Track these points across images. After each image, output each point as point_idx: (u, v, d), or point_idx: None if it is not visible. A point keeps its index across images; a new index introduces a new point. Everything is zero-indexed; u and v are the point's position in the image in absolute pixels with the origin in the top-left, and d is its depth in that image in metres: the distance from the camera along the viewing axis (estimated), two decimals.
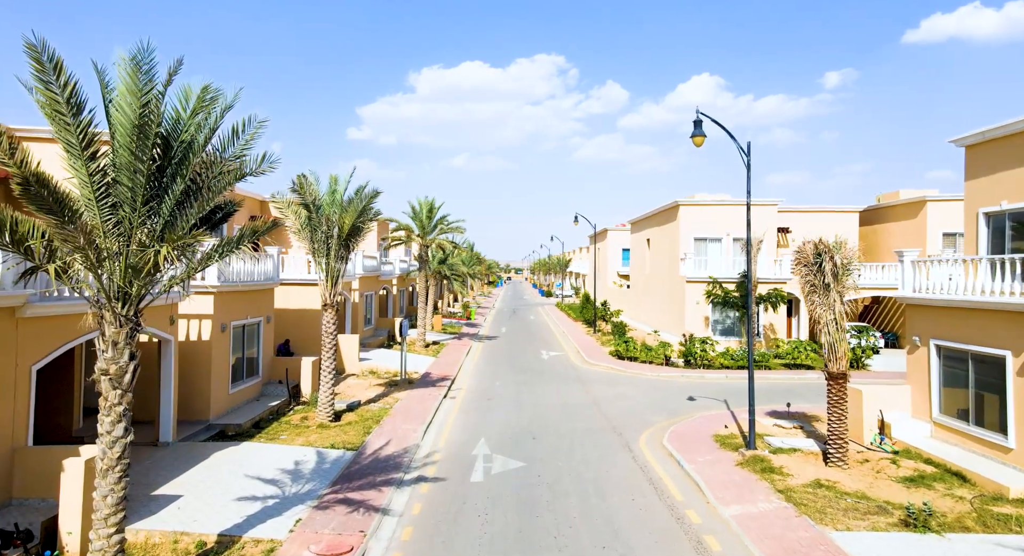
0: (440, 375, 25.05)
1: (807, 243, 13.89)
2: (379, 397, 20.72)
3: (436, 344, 34.29)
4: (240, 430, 15.90)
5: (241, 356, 18.25)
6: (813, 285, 13.59)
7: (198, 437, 15.05)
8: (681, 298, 32.49)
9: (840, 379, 13.27)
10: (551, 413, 19.11)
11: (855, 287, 13.50)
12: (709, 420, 17.74)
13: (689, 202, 33.48)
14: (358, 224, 18.02)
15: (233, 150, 8.51)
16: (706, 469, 13.22)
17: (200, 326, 16.10)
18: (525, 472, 13.55)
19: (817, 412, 18.44)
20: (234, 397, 17.48)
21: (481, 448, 15.40)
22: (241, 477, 12.30)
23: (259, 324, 19.42)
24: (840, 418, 13.13)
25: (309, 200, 17.45)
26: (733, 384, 24.08)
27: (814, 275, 13.56)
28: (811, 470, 12.84)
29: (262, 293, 19.53)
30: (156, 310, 13.38)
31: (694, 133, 14.30)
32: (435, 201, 33.99)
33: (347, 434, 16.10)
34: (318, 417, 17.34)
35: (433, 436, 16.60)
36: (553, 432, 16.87)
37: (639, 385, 23.83)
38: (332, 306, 18.01)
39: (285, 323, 25.00)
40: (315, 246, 17.71)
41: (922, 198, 30.56)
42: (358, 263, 31.77)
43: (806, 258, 13.74)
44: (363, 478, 12.81)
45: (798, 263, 13.91)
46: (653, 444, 15.76)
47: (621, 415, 18.88)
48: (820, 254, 13.46)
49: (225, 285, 16.59)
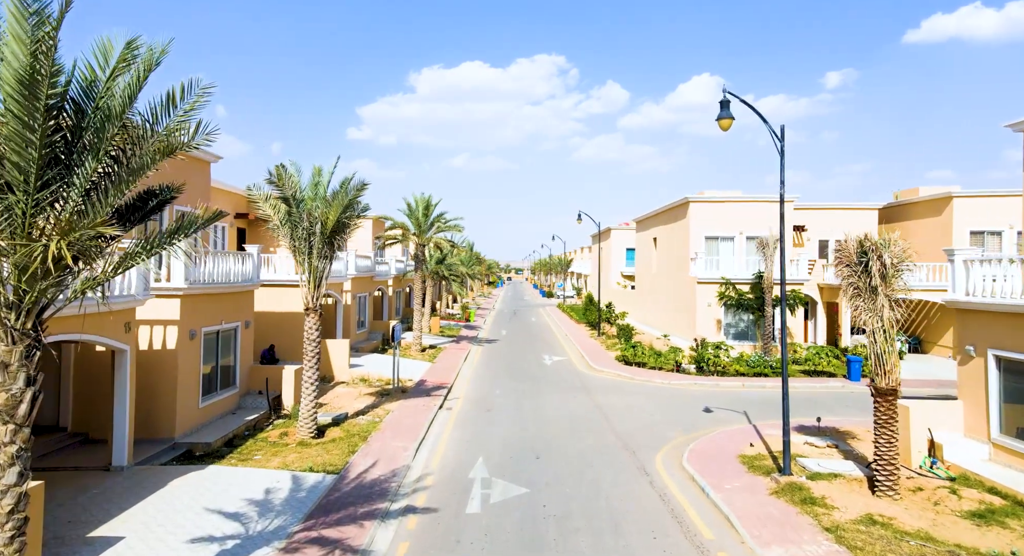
0: (436, 383, 23.36)
1: (849, 240, 12.20)
2: (369, 408, 19.04)
3: (433, 348, 32.61)
4: (209, 449, 14.22)
5: (215, 365, 16.56)
6: (857, 288, 11.90)
7: (159, 459, 13.37)
8: (691, 300, 30.78)
9: (890, 396, 11.58)
10: (556, 427, 17.42)
11: (906, 289, 11.82)
12: (731, 436, 16.05)
13: (699, 199, 31.77)
14: (344, 220, 16.34)
15: (169, 122, 6.84)
16: (736, 498, 11.53)
17: (165, 333, 14.41)
18: (528, 501, 11.87)
19: (850, 427, 16.74)
20: (205, 411, 15.78)
21: (479, 470, 13.71)
22: (200, 511, 10.61)
23: (236, 330, 17.73)
24: (890, 441, 11.44)
25: (288, 193, 15.78)
26: (751, 393, 22.39)
27: (858, 277, 11.86)
28: (859, 501, 11.14)
29: (240, 296, 17.84)
30: (108, 317, 11.71)
31: (720, 115, 12.61)
32: (432, 198, 32.35)
33: (329, 453, 14.42)
34: (299, 433, 15.66)
35: (426, 455, 14.92)
36: (559, 450, 15.19)
37: (649, 394, 22.14)
38: (315, 310, 16.33)
39: (270, 327, 23.33)
40: (296, 244, 16.04)
41: (948, 194, 28.83)
42: (350, 263, 30.11)
43: (849, 257, 12.04)
44: (343, 509, 11.14)
45: (839, 263, 12.21)
46: (672, 465, 14.08)
47: (633, 430, 17.19)
48: (866, 253, 11.76)
49: (194, 287, 14.91)
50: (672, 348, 27.42)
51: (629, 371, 26.21)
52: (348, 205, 16.32)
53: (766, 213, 30.39)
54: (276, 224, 15.95)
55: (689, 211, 31.77)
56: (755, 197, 31.29)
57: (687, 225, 31.94)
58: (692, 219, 31.58)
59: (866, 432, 16.25)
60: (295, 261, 16.24)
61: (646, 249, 43.14)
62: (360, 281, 32.00)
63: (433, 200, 32.37)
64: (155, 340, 14.35)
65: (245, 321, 18.20)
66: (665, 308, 37.05)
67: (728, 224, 31.19)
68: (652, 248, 40.92)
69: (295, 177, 16.12)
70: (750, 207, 31.08)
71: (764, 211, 30.52)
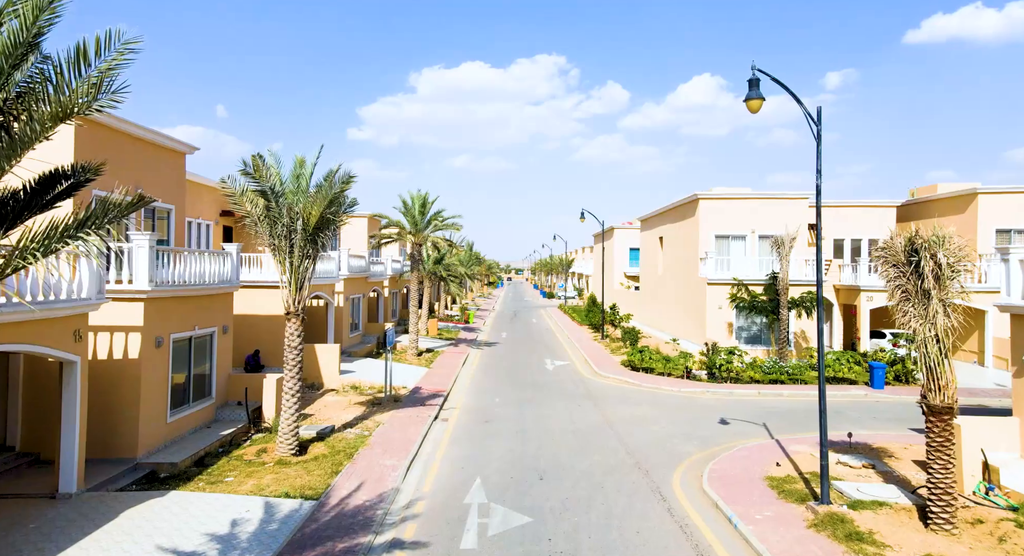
0: (432, 390, 21.91)
1: (897, 236, 10.75)
2: (358, 420, 17.60)
3: (430, 352, 31.16)
4: (175, 470, 12.77)
5: (187, 375, 15.11)
6: (906, 291, 10.44)
7: (117, 482, 11.91)
8: (701, 302, 29.32)
9: (946, 415, 10.12)
10: (561, 442, 15.96)
11: (964, 292, 10.37)
12: (753, 453, 14.60)
13: (710, 195, 30.29)
14: (328, 215, 14.90)
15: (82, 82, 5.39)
16: (770, 532, 10.07)
17: (127, 341, 12.96)
18: (531, 533, 10.42)
19: (883, 443, 15.29)
20: (175, 427, 14.33)
21: (476, 494, 12.26)
22: (151, 550, 9.15)
23: (212, 335, 16.27)
24: (946, 466, 9.99)
25: (267, 186, 14.34)
26: (768, 403, 20.93)
27: (907, 278, 10.41)
28: (913, 538, 9.68)
29: (216, 298, 16.39)
30: (52, 325, 10.27)
31: (749, 95, 11.15)
32: (429, 195, 30.85)
33: (310, 474, 12.98)
34: (278, 450, 14.22)
35: (417, 475, 13.47)
36: (565, 470, 13.74)
37: (659, 403, 20.68)
38: (297, 314, 14.89)
39: (256, 331, 21.91)
40: (275, 242, 14.60)
41: (972, 190, 27.35)
42: (343, 263, 28.69)
43: (896, 256, 10.59)
44: (319, 545, 9.69)
45: (885, 263, 10.76)
46: (691, 488, 12.63)
47: (645, 445, 15.74)
48: (916, 251, 10.31)
49: (161, 290, 13.45)
50: (682, 353, 25.96)
51: (636, 377, 24.76)
52: (333, 199, 14.88)
53: (780, 210, 28.96)
54: (254, 221, 14.53)
55: (699, 208, 30.30)
56: (768, 194, 29.83)
57: (697, 223, 30.47)
58: (702, 217, 30.11)
59: (902, 449, 14.81)
60: (275, 261, 14.79)
61: (652, 249, 41.68)
62: (354, 282, 30.57)
63: (430, 197, 30.93)
64: (115, 349, 12.89)
65: (223, 326, 16.75)
66: (672, 310, 35.59)
67: (740, 222, 29.73)
68: (658, 248, 39.46)
69: (274, 168, 14.70)
70: (763, 204, 29.62)
71: (778, 208, 29.09)
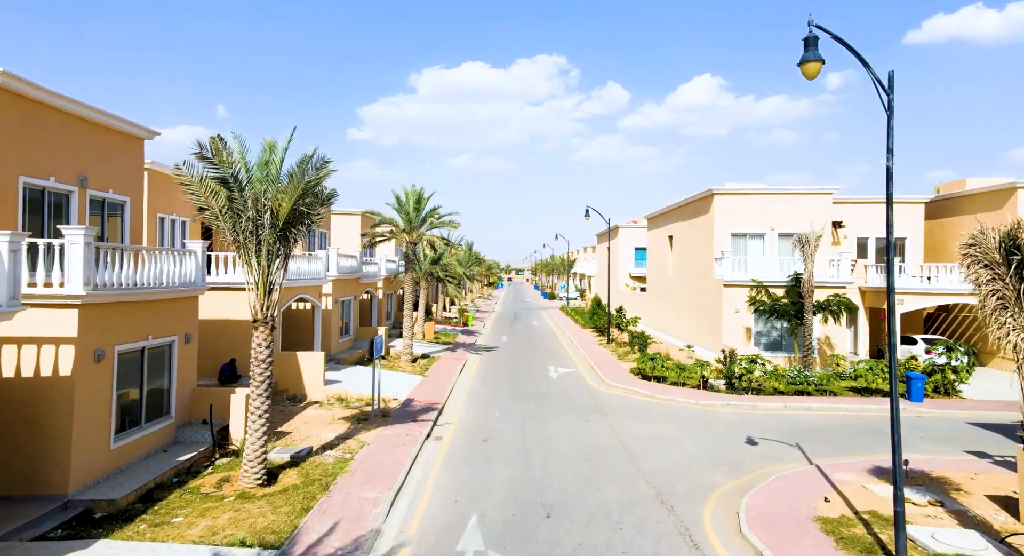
0: (425, 403, 19.90)
1: (988, 230, 8.75)
2: (340, 440, 15.60)
3: (425, 358, 29.14)
4: (115, 509, 10.76)
5: (139, 392, 13.10)
6: (1003, 297, 8.44)
7: (38, 527, 9.88)
8: (716, 305, 27.29)
9: None
10: (569, 468, 13.93)
11: None
12: (794, 484, 12.58)
13: (725, 191, 28.25)
14: (301, 208, 12.91)
15: None
16: None
17: (56, 355, 10.94)
18: None
19: (942, 471, 13.29)
20: (120, 454, 12.30)
21: (470, 538, 10.25)
22: None
23: (172, 345, 14.27)
24: None
25: (228, 173, 12.33)
26: (797, 418, 18.90)
27: (1004, 281, 8.40)
28: None
29: (177, 303, 14.39)
30: None
31: (805, 57, 9.13)
32: (424, 191, 28.81)
33: (276, 512, 10.97)
34: (242, 481, 12.21)
35: (403, 511, 11.46)
36: (575, 505, 11.71)
37: (676, 418, 18.65)
38: (266, 322, 12.89)
39: (232, 338, 19.92)
40: (239, 238, 12.59)
41: (1012, 185, 25.30)
42: (332, 262, 26.70)
43: (988, 254, 8.59)
44: None
45: (974, 262, 8.75)
46: (726, 530, 10.60)
47: (666, 470, 13.73)
48: (1018, 247, 8.30)
49: (102, 294, 11.43)
50: (698, 361, 23.94)
51: (647, 387, 22.75)
52: (307, 189, 12.88)
53: (801, 206, 26.94)
54: (215, 215, 12.52)
55: (713, 204, 28.27)
56: (789, 189, 27.81)
57: (711, 221, 28.44)
58: (717, 213, 28.08)
59: (968, 480, 12.80)
60: (239, 259, 12.79)
61: (660, 248, 39.65)
62: (344, 283, 28.57)
63: (425, 193, 28.90)
64: (43, 365, 10.87)
65: (185, 334, 14.75)
66: (683, 314, 33.56)
67: (758, 219, 27.70)
68: (667, 247, 37.43)
69: (239, 153, 12.70)
70: (783, 200, 27.60)
71: (799, 204, 27.10)
